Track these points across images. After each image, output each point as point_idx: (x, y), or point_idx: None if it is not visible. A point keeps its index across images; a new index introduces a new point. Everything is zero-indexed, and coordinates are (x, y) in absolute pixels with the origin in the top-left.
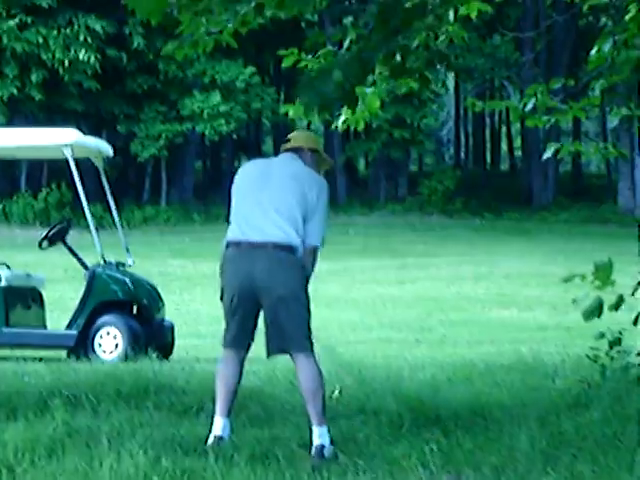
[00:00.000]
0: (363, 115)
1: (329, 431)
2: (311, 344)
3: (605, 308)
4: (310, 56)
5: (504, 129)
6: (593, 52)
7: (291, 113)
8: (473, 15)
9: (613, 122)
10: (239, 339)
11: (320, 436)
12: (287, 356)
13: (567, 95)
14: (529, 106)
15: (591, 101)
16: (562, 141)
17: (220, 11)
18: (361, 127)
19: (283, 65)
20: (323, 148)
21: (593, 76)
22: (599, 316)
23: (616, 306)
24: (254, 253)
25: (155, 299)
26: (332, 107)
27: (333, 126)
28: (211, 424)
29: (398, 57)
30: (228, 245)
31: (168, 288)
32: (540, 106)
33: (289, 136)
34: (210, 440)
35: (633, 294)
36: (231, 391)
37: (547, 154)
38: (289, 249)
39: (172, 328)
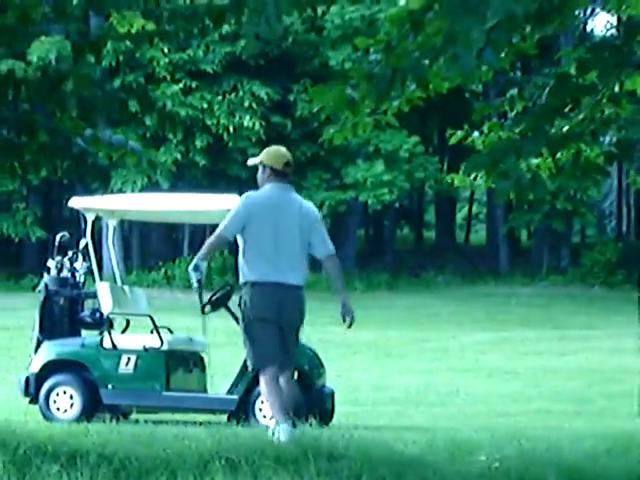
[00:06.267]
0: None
1: None
2: None
3: None
4: (477, 132)
5: None
6: None
7: (456, 182)
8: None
9: None
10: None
11: None
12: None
13: None
14: None
15: None
16: None
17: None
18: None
19: (450, 142)
20: None
21: None
22: None
23: None
24: (285, 291)
25: (316, 365)
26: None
27: (497, 199)
28: None
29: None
30: (263, 284)
31: (328, 355)
32: None
33: (288, 159)
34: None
35: None
36: (283, 399)
37: None
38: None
39: (332, 394)
